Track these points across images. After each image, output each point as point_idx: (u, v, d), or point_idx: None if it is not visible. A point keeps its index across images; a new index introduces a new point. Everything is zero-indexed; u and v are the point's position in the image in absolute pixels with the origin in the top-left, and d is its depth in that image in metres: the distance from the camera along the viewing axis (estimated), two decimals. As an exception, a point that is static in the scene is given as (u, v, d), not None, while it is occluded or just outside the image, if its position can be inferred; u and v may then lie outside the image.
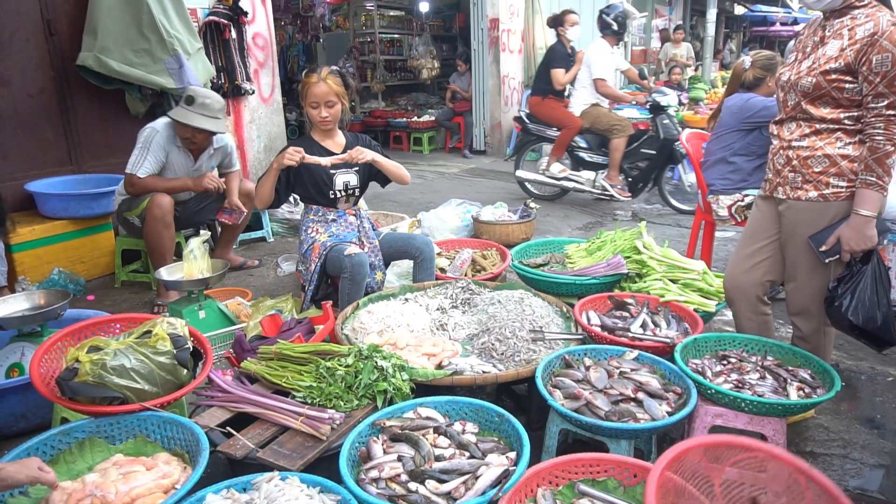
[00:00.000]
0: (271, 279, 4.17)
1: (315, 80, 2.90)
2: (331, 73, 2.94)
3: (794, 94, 2.18)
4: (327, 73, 2.93)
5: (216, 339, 2.82)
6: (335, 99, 2.95)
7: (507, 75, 8.81)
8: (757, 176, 3.45)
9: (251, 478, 1.63)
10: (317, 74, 2.92)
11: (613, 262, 2.95)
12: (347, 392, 1.99)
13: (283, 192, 3.06)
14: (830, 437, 2.38)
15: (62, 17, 4.09)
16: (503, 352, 2.32)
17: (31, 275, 3.74)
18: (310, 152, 3.02)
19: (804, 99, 2.15)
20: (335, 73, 2.96)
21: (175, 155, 3.70)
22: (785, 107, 2.26)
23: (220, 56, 4.85)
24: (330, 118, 2.98)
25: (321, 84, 2.90)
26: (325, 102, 2.93)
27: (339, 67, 3.03)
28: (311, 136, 3.12)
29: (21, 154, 4.00)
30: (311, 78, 2.93)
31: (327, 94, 2.92)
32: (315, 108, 2.96)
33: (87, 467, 1.77)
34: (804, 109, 2.16)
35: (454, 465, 1.69)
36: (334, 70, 2.97)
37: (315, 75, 2.92)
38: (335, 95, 2.94)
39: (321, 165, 2.92)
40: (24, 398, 2.29)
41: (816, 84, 2.09)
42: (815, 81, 2.09)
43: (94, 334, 2.16)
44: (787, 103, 2.23)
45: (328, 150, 3.08)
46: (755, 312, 2.46)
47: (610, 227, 5.25)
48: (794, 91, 2.18)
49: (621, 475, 1.65)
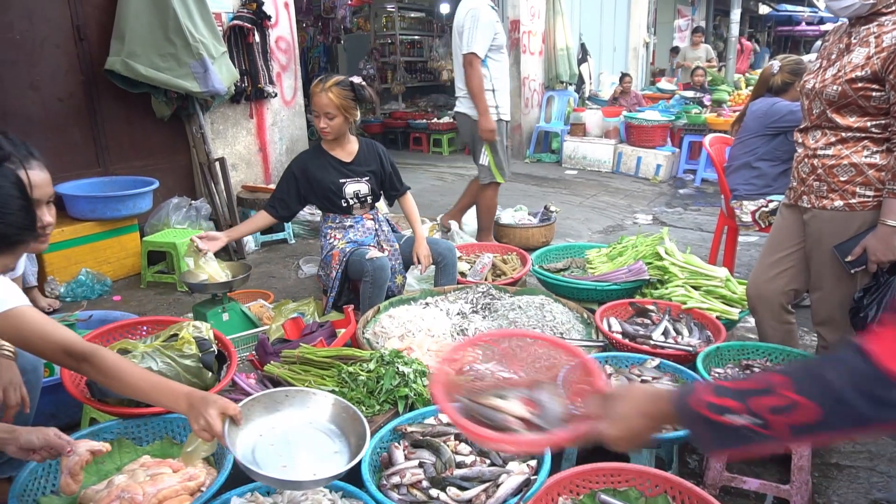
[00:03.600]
0: (292, 281, 4.21)
1: (318, 90, 2.84)
2: (337, 85, 2.84)
3: (819, 102, 2.15)
4: (332, 84, 2.83)
5: (239, 342, 2.86)
6: (335, 112, 2.86)
7: (528, 77, 8.79)
8: (781, 181, 3.41)
9: (275, 481, 1.65)
10: (322, 84, 2.85)
11: (635, 268, 2.94)
12: (369, 397, 2.01)
13: (293, 206, 3.10)
14: (856, 448, 2.35)
15: (91, 23, 4.17)
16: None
17: (59, 275, 3.83)
18: (319, 162, 3.05)
19: (830, 107, 2.12)
20: (344, 86, 2.86)
21: None
22: (810, 115, 2.23)
23: (244, 59, 4.92)
24: (329, 130, 2.92)
25: (322, 95, 2.83)
26: (324, 113, 2.87)
27: (360, 76, 2.98)
28: (321, 146, 3.10)
29: (51, 156, 4.01)
30: (316, 87, 2.86)
31: (327, 106, 2.85)
32: (317, 118, 2.92)
33: (116, 468, 1.81)
34: (829, 118, 2.13)
35: (475, 472, 1.70)
36: (344, 82, 2.87)
37: (320, 84, 2.85)
38: (335, 108, 2.85)
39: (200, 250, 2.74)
40: (55, 398, 2.34)
41: (842, 92, 2.05)
42: (840, 90, 2.06)
43: (122, 336, 2.21)
44: (812, 111, 2.20)
45: (338, 158, 3.07)
46: (779, 321, 2.43)
47: (631, 231, 5.22)
48: (818, 99, 2.15)
49: (642, 485, 1.65)
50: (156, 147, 4.69)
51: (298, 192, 3.07)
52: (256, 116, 5.25)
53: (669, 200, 6.61)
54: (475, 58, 3.97)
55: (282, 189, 3.09)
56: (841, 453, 2.32)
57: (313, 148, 3.16)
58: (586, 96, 9.87)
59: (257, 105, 5.23)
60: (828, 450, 2.34)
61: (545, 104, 9.05)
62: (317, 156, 3.07)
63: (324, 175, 3.03)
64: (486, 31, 3.97)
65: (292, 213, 3.15)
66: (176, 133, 4.76)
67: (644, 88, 11.30)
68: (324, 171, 3.04)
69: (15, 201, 1.34)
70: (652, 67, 13.06)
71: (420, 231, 3.17)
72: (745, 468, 2.23)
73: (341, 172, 3.06)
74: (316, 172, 3.03)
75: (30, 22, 3.88)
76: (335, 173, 3.04)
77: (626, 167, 7.85)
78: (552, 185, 7.38)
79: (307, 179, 3.04)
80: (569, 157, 8.35)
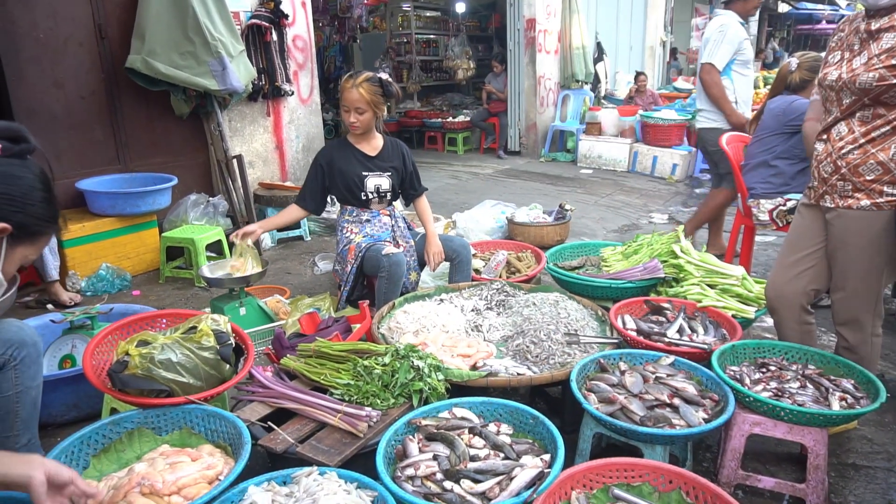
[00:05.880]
0: (308, 277, 4.25)
1: (349, 86, 2.94)
2: (367, 81, 2.94)
3: (848, 92, 2.11)
4: (362, 80, 2.93)
5: (256, 336, 2.89)
6: (365, 107, 2.96)
7: (543, 76, 8.77)
8: (799, 180, 3.38)
9: (291, 472, 1.67)
10: (352, 80, 2.95)
11: (650, 266, 2.93)
12: (384, 391, 2.03)
13: (319, 199, 3.18)
14: (874, 449, 2.33)
15: (112, 22, 4.24)
16: (538, 354, 2.33)
17: (80, 269, 3.90)
18: (343, 153, 3.12)
19: (866, 96, 2.06)
20: (373, 82, 2.95)
21: None
22: (839, 105, 2.17)
23: (262, 58, 4.97)
24: (359, 124, 3.01)
25: (353, 91, 2.92)
26: (354, 108, 2.96)
27: (383, 75, 3.04)
28: (347, 139, 3.17)
29: (73, 154, 4.16)
30: (346, 83, 2.96)
31: (357, 102, 2.94)
32: (347, 112, 3.00)
33: (136, 456, 1.84)
34: (866, 104, 2.08)
35: (489, 465, 1.71)
36: (374, 78, 2.97)
37: (351, 80, 2.95)
38: (365, 104, 2.95)
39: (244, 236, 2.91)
40: (76, 388, 2.39)
41: (880, 77, 2.00)
42: (877, 75, 2.00)
43: (142, 329, 2.24)
44: (842, 101, 2.15)
45: (363, 152, 3.14)
46: (799, 322, 2.41)
47: (646, 230, 5.20)
48: (848, 89, 2.10)
49: (656, 481, 1.65)
50: (175, 144, 4.76)
51: (323, 183, 3.14)
52: (273, 114, 5.30)
53: (686, 200, 6.56)
54: (712, 68, 4.20)
55: (309, 181, 3.18)
56: (858, 453, 2.30)
57: (339, 140, 3.23)
58: (602, 95, 9.83)
59: (274, 103, 5.28)
60: (845, 449, 2.32)
61: (560, 103, 9.02)
62: (342, 147, 3.14)
63: (347, 166, 3.10)
64: (730, 46, 4.17)
65: (320, 205, 3.22)
66: (194, 130, 4.82)
67: (660, 87, 11.22)
68: (348, 162, 3.11)
69: (37, 193, 1.38)
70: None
71: (432, 229, 3.20)
72: (760, 467, 2.22)
73: (365, 165, 3.12)
74: (340, 163, 3.10)
75: (54, 21, 3.95)
76: (359, 165, 3.11)
77: (642, 166, 7.81)
78: (567, 183, 7.36)
79: (331, 169, 3.12)
80: (584, 156, 8.32)
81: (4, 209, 1.31)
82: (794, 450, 2.29)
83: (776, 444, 2.31)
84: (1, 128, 1.40)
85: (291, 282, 4.14)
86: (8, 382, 1.94)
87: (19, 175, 1.36)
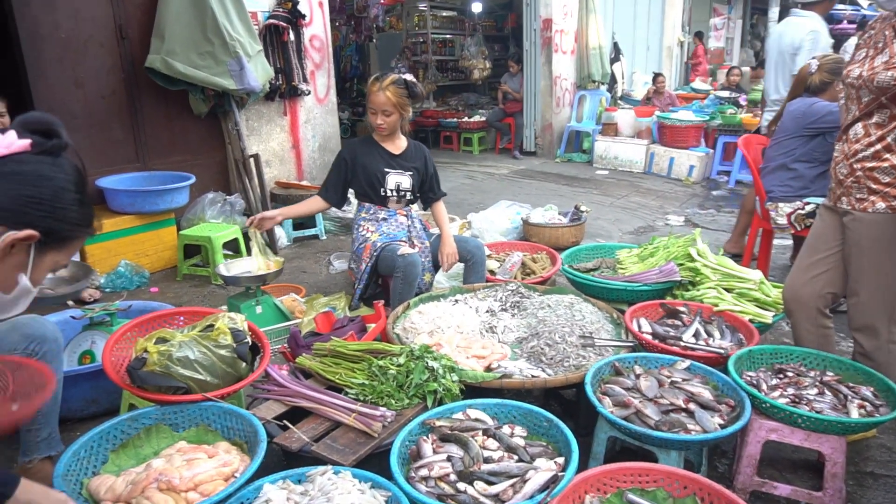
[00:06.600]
0: (323, 276, 4.27)
1: (376, 89, 2.99)
2: (394, 83, 2.99)
3: (866, 90, 2.08)
4: (389, 83, 2.98)
5: (272, 334, 2.92)
6: (391, 109, 3.02)
7: (559, 76, 8.74)
8: (819, 183, 3.34)
9: (305, 470, 1.69)
10: (379, 83, 3.00)
11: (666, 269, 2.91)
12: (398, 391, 2.03)
13: (341, 192, 3.23)
14: (893, 458, 2.29)
15: (133, 23, 4.29)
16: (552, 356, 2.32)
17: (100, 266, 3.95)
18: (367, 149, 3.18)
19: (883, 95, 2.04)
20: (399, 84, 3.00)
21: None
22: (859, 103, 2.15)
23: (279, 58, 5.00)
24: (385, 126, 3.07)
25: (380, 94, 2.98)
26: (381, 111, 3.02)
27: (408, 76, 3.08)
28: (373, 137, 3.22)
29: (93, 152, 4.21)
30: (373, 85, 3.01)
31: (384, 104, 3.00)
32: (373, 114, 3.06)
33: (153, 452, 1.87)
34: (883, 105, 2.05)
35: (503, 467, 1.71)
36: (399, 80, 3.01)
37: (378, 83, 3.00)
38: (392, 106, 3.01)
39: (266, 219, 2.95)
40: (95, 384, 2.43)
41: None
42: (894, 74, 1.98)
43: (160, 326, 2.27)
44: (861, 100, 2.13)
45: (388, 151, 3.19)
46: (815, 325, 2.38)
47: (662, 232, 5.16)
48: (867, 87, 2.08)
49: (671, 486, 1.64)
50: (193, 143, 4.81)
51: (346, 177, 3.20)
52: (290, 114, 5.34)
53: (702, 202, 6.50)
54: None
55: (332, 175, 3.24)
56: (877, 462, 2.27)
57: (365, 137, 3.28)
58: (618, 96, 9.77)
59: (291, 103, 5.31)
60: (863, 458, 2.29)
61: (576, 103, 8.98)
62: (367, 143, 3.21)
63: (370, 161, 3.16)
64: (822, 54, 4.20)
65: (341, 198, 3.27)
66: (212, 130, 4.87)
67: (678, 88, 11.13)
68: (371, 157, 3.17)
69: (68, 195, 1.25)
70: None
71: (447, 230, 3.22)
72: (776, 473, 2.20)
73: (387, 162, 3.18)
74: (363, 158, 3.16)
75: (75, 21, 4.01)
76: (382, 162, 3.17)
77: (659, 168, 7.76)
78: (583, 184, 7.33)
79: (354, 163, 3.18)
80: (600, 157, 8.28)
81: (31, 214, 1.19)
82: (811, 457, 2.27)
83: (793, 451, 2.28)
84: (32, 120, 1.25)
85: (307, 280, 4.16)
86: None
87: (49, 175, 1.23)
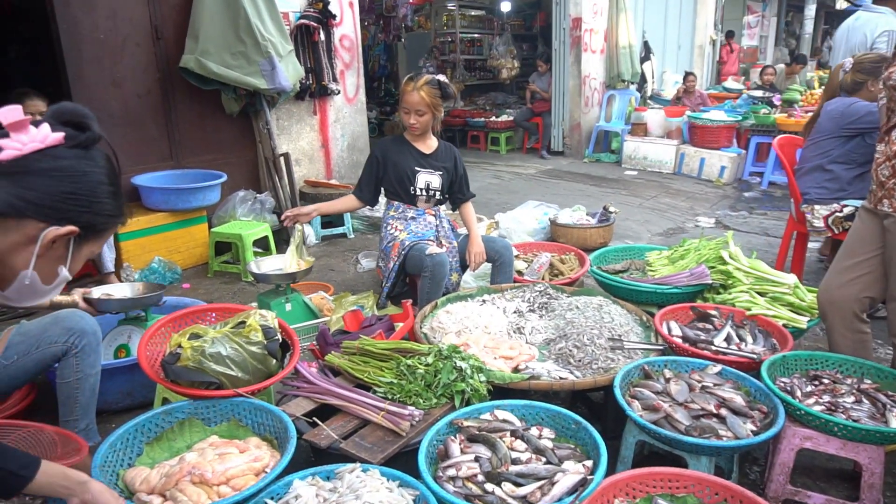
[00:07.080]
0: (351, 275, 4.31)
1: (410, 89, 3.02)
2: (427, 84, 3.02)
3: None
4: (423, 84, 3.02)
5: (301, 332, 2.95)
6: (425, 109, 3.06)
7: (588, 76, 8.66)
8: (857, 186, 3.26)
9: (334, 467, 1.70)
10: (413, 83, 3.03)
11: (697, 272, 2.87)
12: (426, 390, 2.04)
13: (374, 190, 3.28)
14: (933, 468, 2.23)
15: (168, 23, 4.37)
16: (580, 358, 2.31)
17: (134, 262, 4.04)
18: (399, 148, 3.22)
19: None
20: (433, 84, 3.04)
21: None
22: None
23: (309, 57, 5.05)
24: (418, 126, 3.10)
25: (414, 94, 3.02)
26: (415, 111, 3.06)
27: (441, 77, 3.11)
28: (404, 136, 3.25)
29: (129, 150, 4.31)
30: (407, 85, 3.05)
31: (418, 104, 3.04)
32: (407, 114, 3.09)
33: (186, 446, 1.91)
34: None
35: (531, 469, 1.70)
36: (433, 80, 3.05)
37: (412, 83, 3.03)
38: (426, 105, 3.05)
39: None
40: (131, 378, 2.49)
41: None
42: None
43: (193, 322, 2.32)
44: None
45: (419, 150, 3.22)
46: (851, 330, 2.33)
47: (692, 234, 5.09)
48: None
49: (702, 493, 1.62)
50: (224, 142, 4.89)
51: (378, 175, 3.24)
52: (320, 113, 5.39)
53: (734, 203, 6.39)
54: None
55: (365, 173, 3.29)
56: (916, 472, 2.21)
57: (397, 136, 3.32)
58: (648, 95, 9.65)
59: (321, 102, 5.36)
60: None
61: (605, 103, 8.89)
62: (398, 142, 3.25)
63: (401, 159, 3.20)
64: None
65: (374, 197, 3.33)
66: (243, 129, 4.94)
67: (709, 87, 10.95)
68: (402, 156, 3.20)
69: (104, 188, 1.25)
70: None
71: (475, 230, 3.22)
72: (810, 482, 2.15)
73: (418, 161, 3.21)
74: (394, 156, 3.20)
75: (113, 22, 4.11)
76: (412, 160, 3.21)
77: (689, 168, 7.64)
78: (611, 185, 7.26)
79: (385, 161, 3.22)
80: (629, 158, 8.19)
81: (71, 210, 1.19)
82: (847, 466, 2.21)
83: (827, 460, 2.23)
84: (65, 111, 1.23)
85: (335, 279, 4.20)
86: (70, 369, 2.04)
87: (85, 170, 1.22)
